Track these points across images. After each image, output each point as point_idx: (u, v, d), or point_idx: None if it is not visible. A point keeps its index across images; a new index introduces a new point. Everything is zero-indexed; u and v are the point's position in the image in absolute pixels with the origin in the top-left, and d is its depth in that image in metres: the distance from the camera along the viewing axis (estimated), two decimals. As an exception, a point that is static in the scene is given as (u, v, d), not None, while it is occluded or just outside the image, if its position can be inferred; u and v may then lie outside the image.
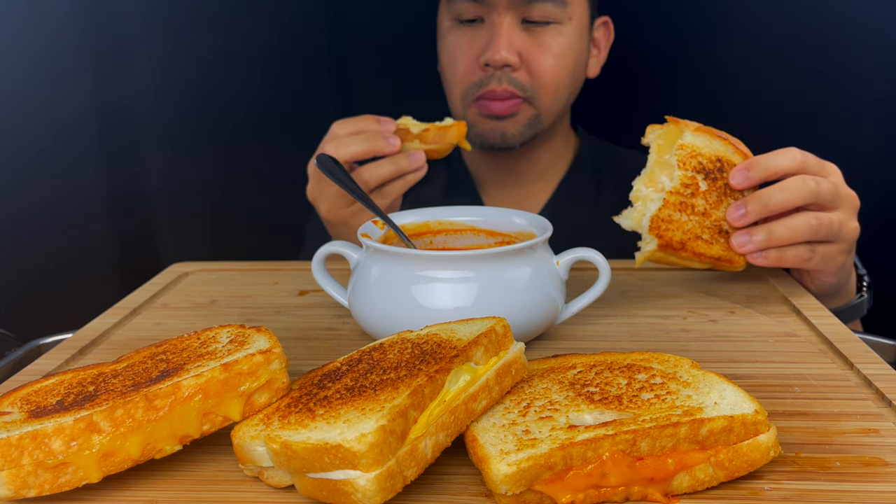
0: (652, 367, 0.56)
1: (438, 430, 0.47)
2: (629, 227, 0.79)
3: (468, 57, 1.13)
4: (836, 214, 0.78)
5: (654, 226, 0.76)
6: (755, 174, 0.77)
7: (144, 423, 0.48)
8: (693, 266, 0.79)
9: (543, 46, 1.11)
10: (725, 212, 0.77)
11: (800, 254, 0.78)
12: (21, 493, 0.46)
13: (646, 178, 0.79)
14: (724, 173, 0.78)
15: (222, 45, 1.44)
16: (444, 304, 0.66)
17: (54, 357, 0.72)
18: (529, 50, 1.10)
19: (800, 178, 0.76)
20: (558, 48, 1.12)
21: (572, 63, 1.15)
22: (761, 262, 0.77)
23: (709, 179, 0.77)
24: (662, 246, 0.76)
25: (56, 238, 1.45)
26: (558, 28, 1.11)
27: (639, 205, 0.78)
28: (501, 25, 1.08)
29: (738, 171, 0.77)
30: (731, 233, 0.78)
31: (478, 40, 1.11)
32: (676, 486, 0.47)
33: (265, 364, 0.51)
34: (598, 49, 1.23)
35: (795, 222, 0.76)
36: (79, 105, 1.41)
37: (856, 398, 0.60)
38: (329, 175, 0.84)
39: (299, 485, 0.47)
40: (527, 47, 1.10)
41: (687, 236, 0.76)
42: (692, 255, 0.77)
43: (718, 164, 0.78)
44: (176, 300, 0.87)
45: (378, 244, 0.68)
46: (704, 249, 0.77)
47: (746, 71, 1.36)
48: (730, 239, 0.77)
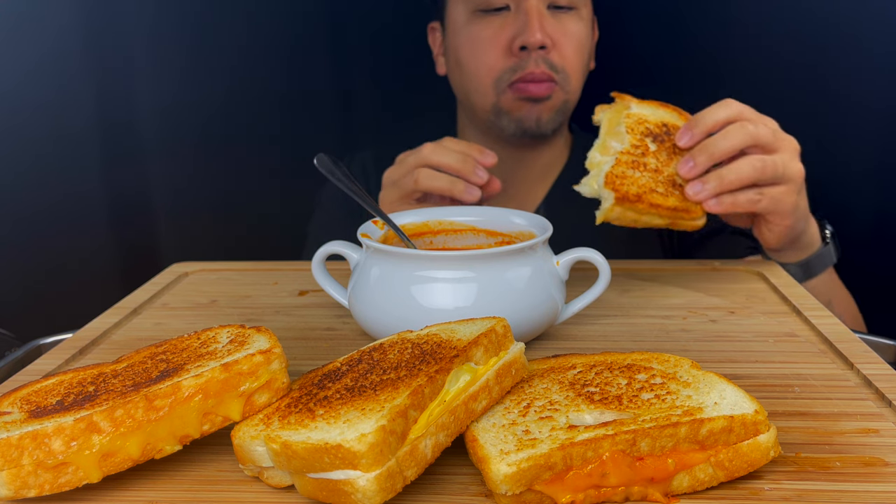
0: (652, 367, 0.56)
1: (438, 430, 0.47)
2: (588, 194, 0.82)
3: (500, 43, 1.14)
4: (778, 156, 0.83)
5: (609, 181, 0.79)
6: (698, 130, 0.83)
7: (144, 423, 0.48)
8: (654, 223, 0.82)
9: (568, 32, 1.15)
10: (676, 167, 0.82)
11: (750, 197, 0.83)
12: (21, 493, 0.46)
13: (599, 147, 0.84)
14: (671, 136, 0.84)
15: (223, 51, 1.44)
16: (444, 304, 0.66)
17: (54, 357, 0.72)
18: (557, 34, 1.14)
19: (738, 124, 0.82)
20: (578, 34, 1.16)
21: (587, 49, 1.20)
22: (716, 208, 0.82)
23: (657, 142, 0.83)
24: (619, 199, 0.79)
25: (56, 238, 1.45)
26: (578, 14, 1.16)
27: (594, 171, 0.82)
28: (532, 9, 1.12)
29: (683, 132, 0.83)
30: (684, 185, 0.82)
31: (508, 27, 1.14)
32: (676, 486, 0.47)
33: (265, 364, 0.51)
34: None
35: (741, 165, 0.81)
36: (81, 108, 1.41)
37: (856, 398, 0.60)
38: (329, 175, 0.84)
39: (299, 485, 0.47)
40: (555, 31, 1.14)
41: (642, 189, 0.79)
42: (649, 208, 0.79)
43: (665, 129, 0.84)
44: (176, 300, 0.87)
45: (378, 244, 0.68)
46: (661, 201, 0.79)
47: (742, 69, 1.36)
48: (684, 190, 0.81)
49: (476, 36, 1.16)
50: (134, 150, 1.46)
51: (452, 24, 1.20)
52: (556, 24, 1.14)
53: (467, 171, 0.93)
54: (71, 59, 1.39)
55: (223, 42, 1.44)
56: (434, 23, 1.28)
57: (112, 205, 1.48)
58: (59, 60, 1.38)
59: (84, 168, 1.44)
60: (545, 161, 1.27)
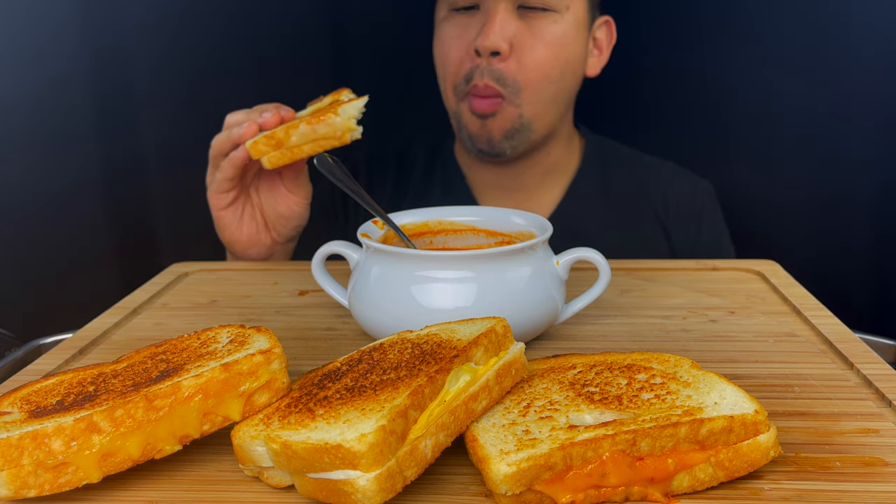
0: (652, 367, 0.56)
1: (438, 430, 0.47)
2: None
3: (461, 45, 1.09)
4: None
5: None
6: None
7: (144, 423, 0.48)
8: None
9: (537, 35, 1.07)
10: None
11: None
12: (21, 493, 0.46)
13: None
14: None
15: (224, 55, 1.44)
16: (444, 304, 0.66)
17: (54, 357, 0.71)
18: (522, 38, 1.07)
19: None
20: (551, 37, 1.08)
21: (564, 56, 1.11)
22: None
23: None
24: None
25: (56, 238, 1.45)
26: (554, 17, 1.08)
27: None
28: (496, 10, 1.05)
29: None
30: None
31: (471, 27, 1.08)
32: (676, 486, 0.47)
33: (265, 364, 0.51)
34: (600, 49, 1.20)
35: None
36: (79, 106, 1.41)
37: (856, 398, 0.60)
38: (329, 175, 0.84)
39: (299, 485, 0.47)
40: (519, 35, 1.07)
41: None
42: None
43: None
44: (176, 300, 0.87)
45: (378, 244, 0.68)
46: None
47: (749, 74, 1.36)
48: None
49: (445, 35, 1.12)
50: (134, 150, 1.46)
51: (436, 19, 1.17)
52: (523, 27, 1.06)
53: (253, 117, 0.92)
54: (72, 60, 1.39)
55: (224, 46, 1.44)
56: None
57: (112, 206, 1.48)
58: (59, 60, 1.38)
59: (84, 168, 1.44)
60: (551, 161, 1.23)
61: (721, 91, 1.37)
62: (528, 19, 1.07)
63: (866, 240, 1.28)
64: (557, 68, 1.10)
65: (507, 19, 1.05)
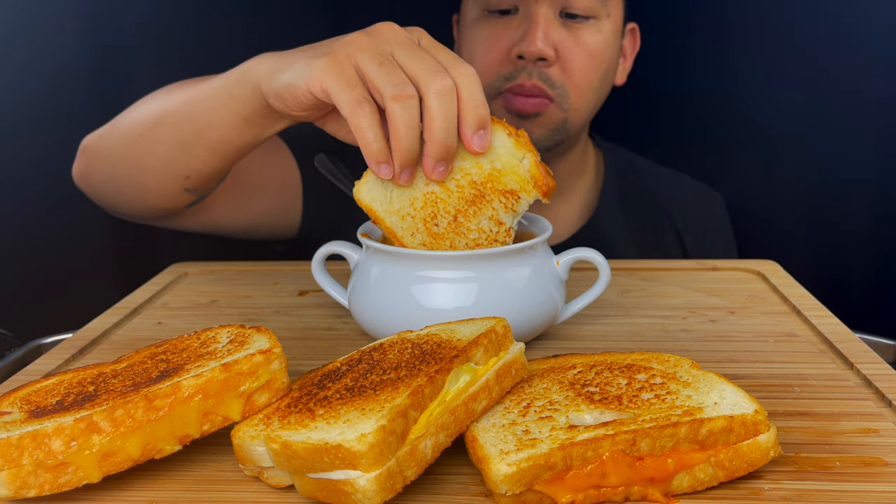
0: (652, 367, 0.56)
1: (438, 430, 0.47)
2: None
3: (499, 49, 1.06)
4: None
5: None
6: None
7: (144, 423, 0.48)
8: None
9: (580, 43, 1.05)
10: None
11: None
12: (21, 493, 0.46)
13: None
14: None
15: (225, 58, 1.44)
16: (444, 304, 0.66)
17: (54, 357, 0.72)
18: (565, 45, 1.04)
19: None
20: (595, 46, 1.06)
21: (605, 65, 1.09)
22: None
23: None
24: None
25: (56, 238, 1.45)
26: (597, 24, 1.06)
27: None
28: (538, 16, 1.02)
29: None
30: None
31: (510, 31, 1.06)
32: (676, 486, 0.47)
33: (265, 364, 0.51)
34: (625, 57, 1.17)
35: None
36: (78, 104, 1.41)
37: (856, 398, 0.60)
38: (328, 175, 0.84)
39: (299, 485, 0.47)
40: (563, 42, 1.04)
41: None
42: None
43: None
44: (176, 300, 0.87)
45: (378, 244, 0.68)
46: None
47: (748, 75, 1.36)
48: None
49: (478, 37, 1.10)
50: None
51: (464, 20, 1.14)
52: (566, 35, 1.04)
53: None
54: (72, 61, 1.39)
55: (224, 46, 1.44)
56: (457, 14, 1.24)
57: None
58: (59, 61, 1.38)
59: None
60: (569, 168, 1.19)
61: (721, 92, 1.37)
62: (571, 27, 1.05)
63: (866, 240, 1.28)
64: (598, 77, 1.08)
65: (551, 26, 1.03)
